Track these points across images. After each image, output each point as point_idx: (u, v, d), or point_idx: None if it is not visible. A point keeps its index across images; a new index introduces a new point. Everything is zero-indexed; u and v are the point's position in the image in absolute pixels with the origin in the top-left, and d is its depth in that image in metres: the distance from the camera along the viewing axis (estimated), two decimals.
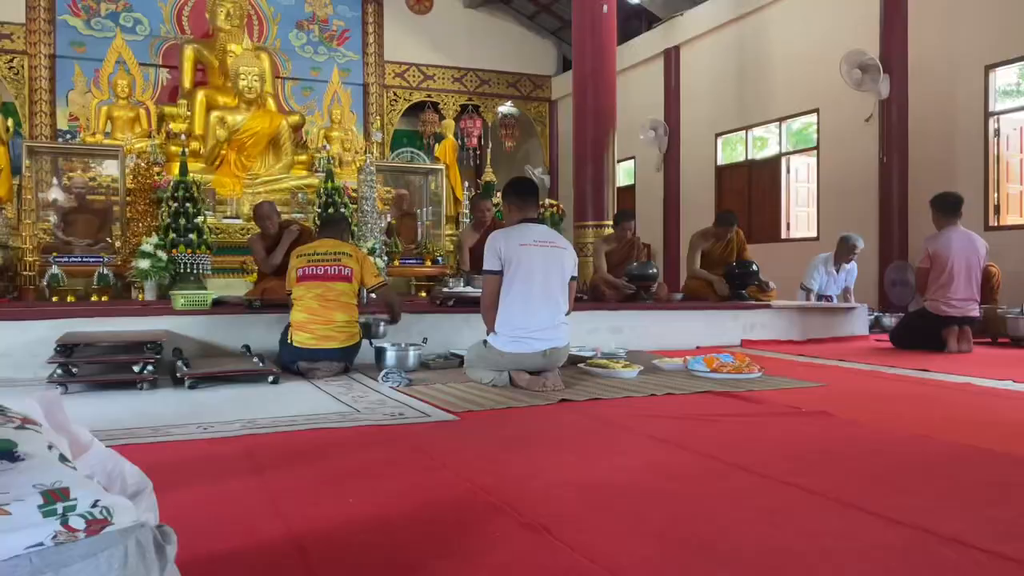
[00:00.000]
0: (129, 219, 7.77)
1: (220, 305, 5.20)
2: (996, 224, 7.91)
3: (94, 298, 6.44)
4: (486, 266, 3.95)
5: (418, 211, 9.86)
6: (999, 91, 8.14)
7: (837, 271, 7.46)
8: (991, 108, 7.96)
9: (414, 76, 14.48)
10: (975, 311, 5.68)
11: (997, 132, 7.94)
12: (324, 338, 4.27)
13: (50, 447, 1.05)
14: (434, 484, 2.11)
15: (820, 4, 9.90)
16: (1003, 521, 1.79)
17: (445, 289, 5.61)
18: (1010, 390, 3.85)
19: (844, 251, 7.31)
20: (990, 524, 1.77)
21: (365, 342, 4.51)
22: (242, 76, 9.73)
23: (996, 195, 7.94)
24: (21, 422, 1.07)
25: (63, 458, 1.05)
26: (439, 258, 8.87)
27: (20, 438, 1.01)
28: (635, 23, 13.74)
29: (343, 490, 2.04)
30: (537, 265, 3.87)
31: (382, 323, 4.62)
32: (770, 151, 11.27)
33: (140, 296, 6.76)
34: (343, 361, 4.36)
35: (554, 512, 1.85)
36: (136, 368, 3.87)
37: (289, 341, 4.32)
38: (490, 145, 12.44)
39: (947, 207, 5.74)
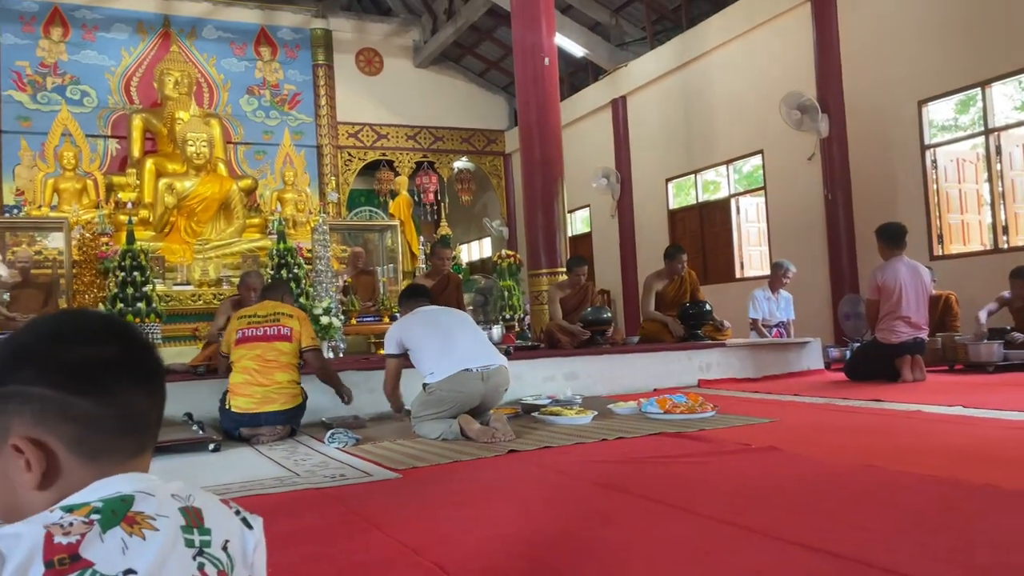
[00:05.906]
0: (75, 291, 7.63)
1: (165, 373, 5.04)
2: (941, 253, 8.08)
3: None
4: (388, 351, 4.18)
5: (377, 269, 9.83)
6: (934, 125, 8.39)
7: (776, 297, 7.60)
8: (927, 141, 8.19)
9: (368, 136, 14.58)
10: (924, 337, 5.73)
11: (935, 164, 8.16)
12: (264, 400, 4.04)
13: None
14: (360, 547, 2.02)
15: (758, 48, 10.20)
16: (939, 548, 1.76)
17: None
18: (959, 415, 3.86)
19: (777, 276, 7.52)
20: (926, 551, 1.74)
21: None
22: (190, 142, 9.71)
23: (939, 225, 8.13)
24: None
25: None
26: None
27: None
28: (582, 75, 14.05)
29: None
30: (440, 315, 4.20)
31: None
32: (720, 193, 11.47)
33: None
34: (288, 424, 4.17)
35: (484, 567, 1.77)
36: None
37: (228, 407, 4.11)
38: (447, 200, 12.49)
39: (892, 237, 5.81)
